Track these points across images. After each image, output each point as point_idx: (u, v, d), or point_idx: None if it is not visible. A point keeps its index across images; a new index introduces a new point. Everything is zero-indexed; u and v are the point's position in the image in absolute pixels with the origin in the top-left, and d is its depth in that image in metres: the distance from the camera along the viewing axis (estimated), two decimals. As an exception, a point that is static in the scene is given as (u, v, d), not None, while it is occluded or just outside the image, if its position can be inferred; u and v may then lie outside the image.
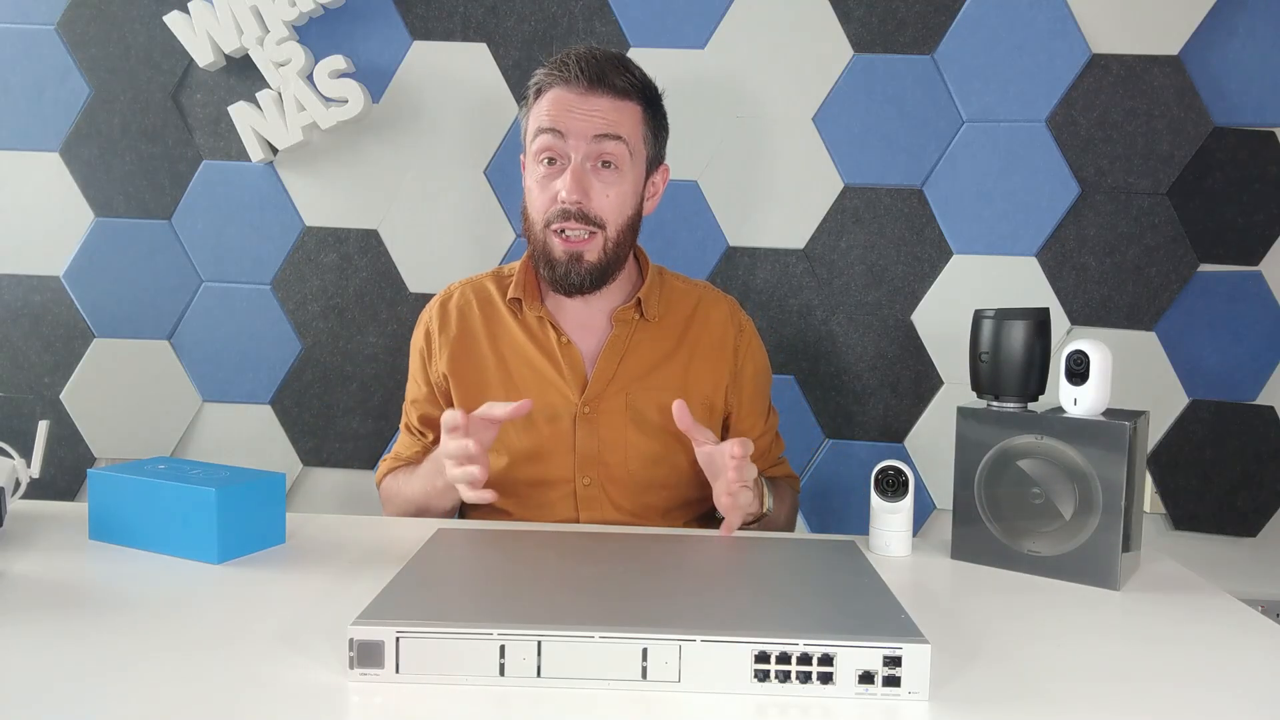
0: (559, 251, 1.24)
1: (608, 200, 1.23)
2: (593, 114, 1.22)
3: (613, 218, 1.24)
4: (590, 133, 1.22)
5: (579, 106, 1.22)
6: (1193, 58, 1.67)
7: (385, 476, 1.38)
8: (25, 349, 1.81)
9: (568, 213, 1.22)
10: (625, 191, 1.25)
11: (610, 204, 1.24)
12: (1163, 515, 1.76)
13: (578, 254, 1.24)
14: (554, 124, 1.22)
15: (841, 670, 0.70)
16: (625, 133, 1.23)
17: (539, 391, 1.28)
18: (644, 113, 1.27)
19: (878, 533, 1.10)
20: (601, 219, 1.23)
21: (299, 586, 0.94)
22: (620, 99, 1.24)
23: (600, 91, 1.23)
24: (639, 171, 1.28)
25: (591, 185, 1.22)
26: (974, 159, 1.71)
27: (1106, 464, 0.98)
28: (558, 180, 1.23)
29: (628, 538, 1.04)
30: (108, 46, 1.77)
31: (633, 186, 1.27)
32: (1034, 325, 1.06)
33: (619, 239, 1.26)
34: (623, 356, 1.29)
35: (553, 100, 1.23)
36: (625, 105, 1.24)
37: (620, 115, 1.24)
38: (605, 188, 1.23)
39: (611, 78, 1.23)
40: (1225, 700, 0.74)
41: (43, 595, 0.90)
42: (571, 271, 1.24)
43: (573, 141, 1.22)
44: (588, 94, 1.22)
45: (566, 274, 1.25)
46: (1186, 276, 1.70)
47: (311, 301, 1.79)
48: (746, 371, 1.35)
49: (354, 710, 0.69)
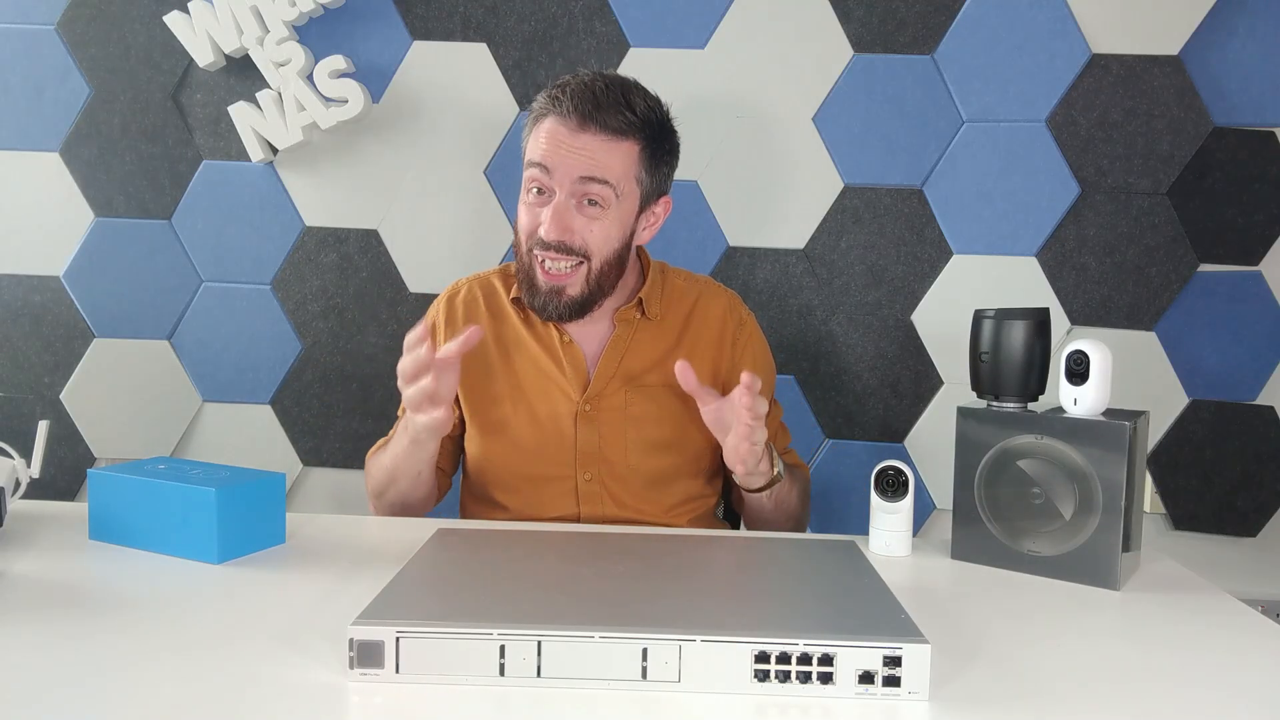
0: (540, 280, 1.23)
1: (591, 234, 1.22)
2: (579, 152, 1.19)
3: (597, 249, 1.23)
4: (575, 173, 1.19)
5: (567, 143, 1.19)
6: (1193, 58, 1.67)
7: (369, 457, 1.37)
8: (25, 349, 1.81)
9: (548, 244, 1.21)
10: (608, 226, 1.23)
11: (594, 237, 1.22)
12: (1163, 515, 1.76)
13: (558, 288, 1.23)
14: (542, 159, 1.20)
15: (841, 670, 0.70)
16: (613, 176, 1.20)
17: (541, 388, 1.29)
18: (642, 151, 1.23)
19: (878, 533, 1.10)
20: (586, 250, 1.22)
21: (299, 586, 0.94)
22: (614, 138, 1.20)
23: (592, 130, 1.19)
24: (629, 208, 1.25)
25: (574, 221, 1.21)
26: (974, 159, 1.71)
27: (1106, 464, 0.98)
28: (542, 211, 1.22)
29: (628, 538, 1.04)
30: (108, 46, 1.77)
31: (619, 222, 1.24)
32: (1034, 325, 1.06)
33: (603, 270, 1.24)
34: (624, 355, 1.30)
35: (546, 132, 1.21)
36: (619, 145, 1.21)
37: (610, 157, 1.20)
38: (589, 223, 1.21)
39: (605, 116, 1.19)
40: (1225, 700, 0.74)
41: (43, 595, 0.90)
42: (550, 303, 1.24)
43: (558, 177, 1.20)
44: (578, 131, 1.19)
45: (545, 304, 1.24)
46: (1186, 276, 1.70)
47: (311, 301, 1.79)
48: (745, 364, 1.34)
49: (354, 710, 0.69)
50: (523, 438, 1.28)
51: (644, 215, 1.29)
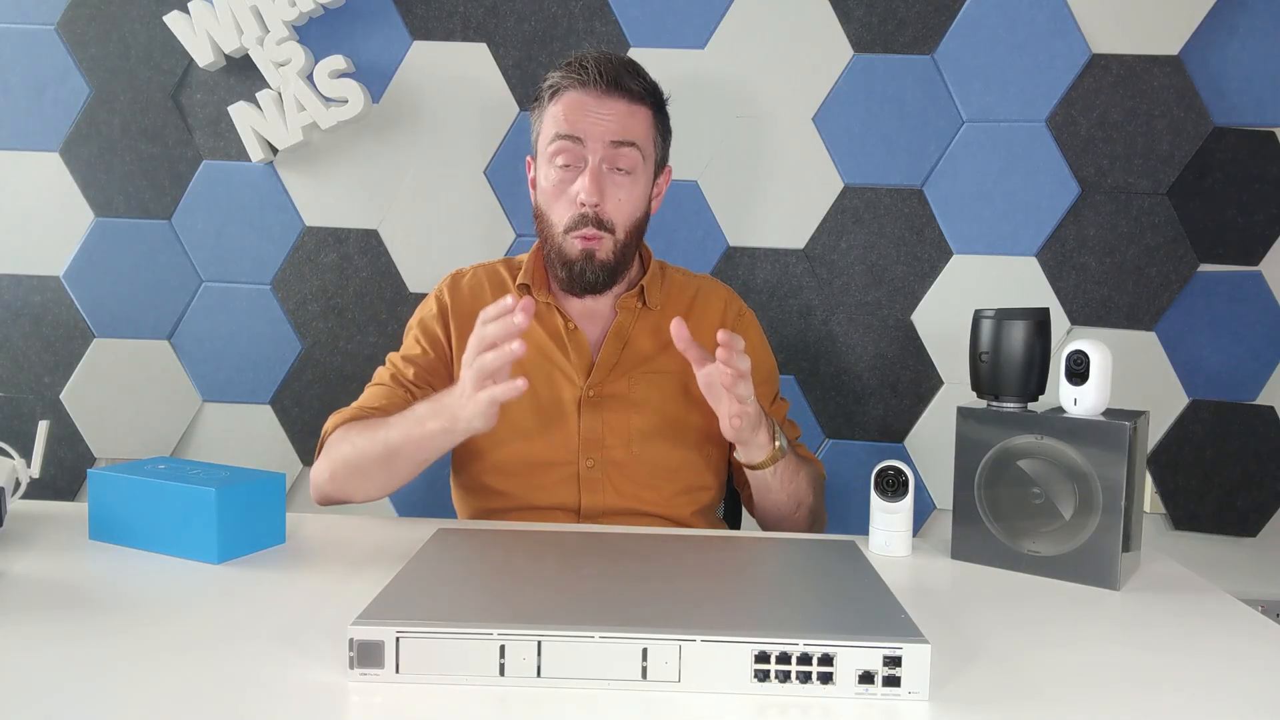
0: (575, 252, 1.26)
1: (620, 204, 1.26)
2: (609, 118, 1.24)
3: (622, 221, 1.27)
4: (607, 137, 1.23)
5: (595, 110, 1.24)
6: (1193, 58, 1.67)
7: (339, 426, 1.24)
8: (25, 349, 1.81)
9: (586, 218, 1.24)
10: (637, 195, 1.28)
11: (622, 208, 1.26)
12: (1163, 515, 1.76)
13: (590, 251, 1.26)
14: (571, 129, 1.24)
15: (841, 670, 0.70)
16: (639, 138, 1.26)
17: (546, 374, 1.30)
18: (654, 117, 1.29)
19: (878, 533, 1.10)
20: (611, 223, 1.26)
21: (299, 586, 0.94)
22: (634, 103, 1.26)
23: (616, 95, 1.24)
24: (649, 175, 1.30)
25: (607, 188, 1.24)
26: (974, 159, 1.71)
27: (1106, 464, 0.98)
28: (575, 183, 1.24)
29: (628, 538, 1.04)
30: (108, 46, 1.77)
31: (643, 190, 1.29)
32: (1034, 325, 1.05)
33: (627, 240, 1.28)
34: (626, 343, 1.31)
35: (569, 104, 1.25)
36: (638, 110, 1.26)
37: (634, 120, 1.25)
38: (618, 191, 1.26)
39: (626, 82, 1.25)
40: (1225, 700, 0.74)
41: (43, 595, 0.90)
42: (586, 269, 1.26)
43: (590, 145, 1.24)
44: (604, 97, 1.24)
45: (582, 272, 1.26)
46: (1186, 276, 1.70)
47: (311, 301, 1.79)
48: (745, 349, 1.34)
49: (354, 710, 0.69)
50: (525, 422, 1.28)
51: (654, 185, 1.34)
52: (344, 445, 1.19)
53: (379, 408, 1.25)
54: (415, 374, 1.30)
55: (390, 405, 1.25)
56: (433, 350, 1.32)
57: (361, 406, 1.26)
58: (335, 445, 1.21)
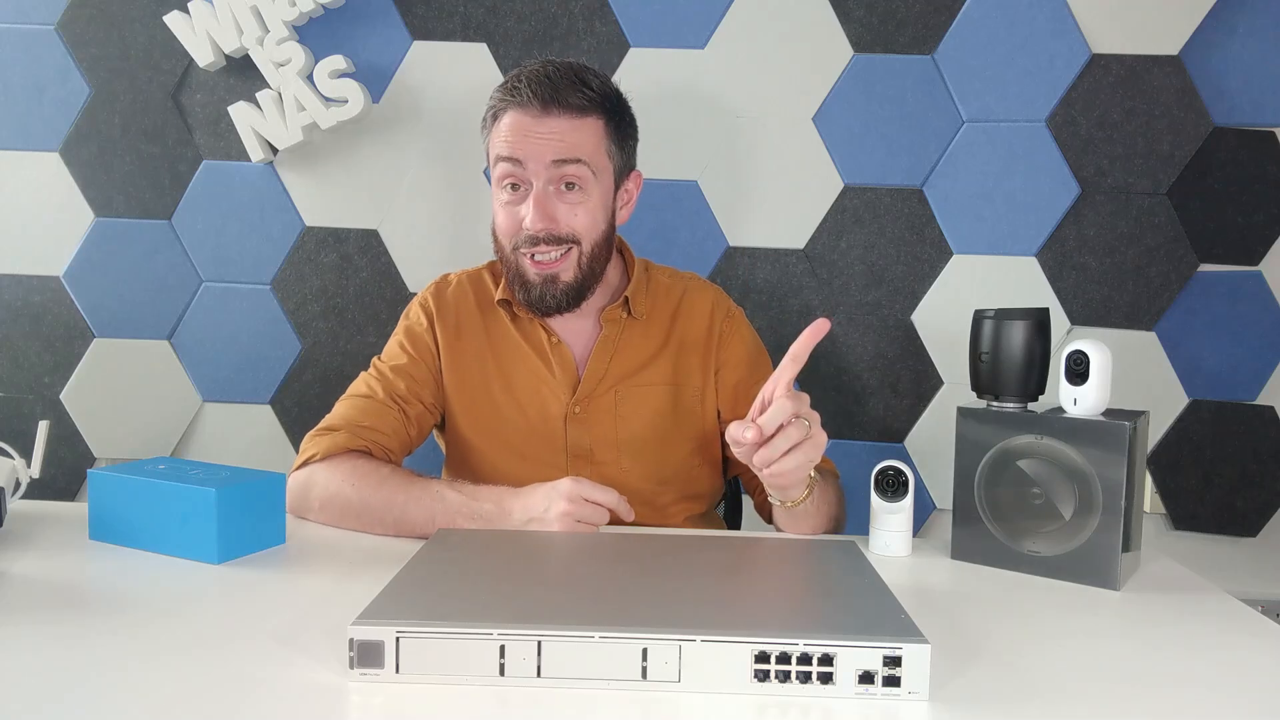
0: (532, 274, 1.22)
1: (577, 219, 1.21)
2: (549, 137, 1.18)
3: (585, 232, 1.22)
4: (548, 157, 1.18)
5: (535, 130, 1.18)
6: (1193, 58, 1.67)
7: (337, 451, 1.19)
8: (25, 349, 1.81)
9: (535, 239, 1.20)
10: (593, 208, 1.22)
11: (581, 221, 1.21)
12: (1163, 515, 1.76)
13: (552, 276, 1.22)
14: (511, 151, 1.18)
15: (841, 670, 0.70)
16: (586, 153, 1.20)
17: (532, 388, 1.28)
18: (606, 125, 1.22)
19: (878, 533, 1.10)
20: (574, 234, 1.21)
21: (299, 586, 0.94)
22: (578, 116, 1.19)
23: (556, 112, 1.18)
24: (606, 186, 1.24)
25: (557, 209, 1.20)
26: (974, 159, 1.71)
27: (1106, 464, 0.98)
28: (522, 206, 1.20)
29: (628, 538, 1.04)
30: (108, 46, 1.77)
31: (601, 202, 1.23)
32: (1034, 325, 1.05)
33: (594, 253, 1.24)
34: (613, 355, 1.29)
35: (509, 126, 1.19)
36: (584, 122, 1.20)
37: (580, 135, 1.19)
38: (572, 208, 1.21)
39: (566, 95, 1.18)
40: (1225, 700, 0.74)
41: (43, 595, 0.90)
42: (547, 294, 1.22)
43: (532, 167, 1.18)
44: (543, 116, 1.18)
45: (541, 297, 1.22)
46: (1186, 276, 1.70)
47: (311, 301, 1.79)
48: (736, 355, 1.32)
49: (354, 710, 0.69)
50: (513, 438, 1.27)
51: (619, 193, 1.28)
52: (347, 489, 1.14)
53: (371, 427, 1.22)
54: (407, 387, 1.27)
55: (382, 425, 1.23)
56: (423, 360, 1.29)
57: (352, 424, 1.22)
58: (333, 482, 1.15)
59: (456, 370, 1.29)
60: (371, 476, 1.14)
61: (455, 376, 1.29)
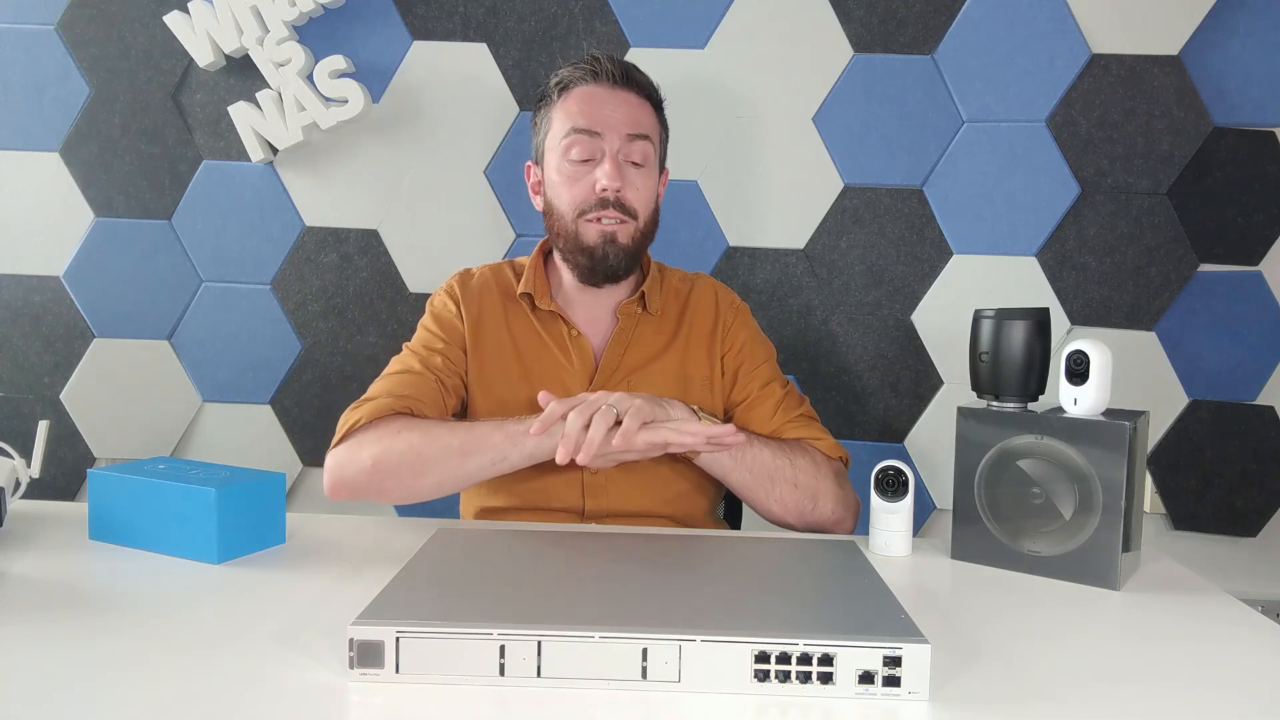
0: (594, 236, 1.25)
1: (639, 192, 1.27)
2: (623, 109, 1.25)
3: (643, 209, 1.28)
4: (624, 129, 1.24)
5: (611, 101, 1.25)
6: (1193, 58, 1.67)
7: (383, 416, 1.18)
8: (25, 349, 1.81)
9: (607, 201, 1.24)
10: (651, 186, 1.29)
11: (641, 195, 1.27)
12: (1163, 515, 1.76)
13: (612, 235, 1.26)
14: (588, 122, 1.24)
15: (841, 670, 0.70)
16: (651, 131, 1.28)
17: (552, 379, 1.30)
18: (657, 115, 1.32)
19: (878, 533, 1.10)
20: (634, 209, 1.26)
21: (299, 586, 0.94)
22: (643, 99, 1.28)
23: (628, 88, 1.27)
24: (656, 170, 1.32)
25: (627, 175, 1.26)
26: (974, 159, 1.71)
27: (1106, 464, 0.98)
28: (596, 171, 1.24)
29: (628, 538, 1.04)
30: (108, 46, 1.77)
31: (655, 184, 1.31)
32: (1034, 325, 1.05)
33: (646, 230, 1.29)
34: (626, 347, 1.31)
35: (582, 97, 1.26)
36: (646, 105, 1.29)
37: (644, 114, 1.28)
38: (635, 180, 1.27)
39: (637, 76, 1.28)
40: (1225, 700, 0.74)
41: (43, 595, 0.90)
42: (609, 253, 1.25)
43: (608, 137, 1.24)
44: (616, 89, 1.26)
45: (605, 256, 1.26)
46: (1186, 276, 1.70)
47: (311, 301, 1.79)
48: (739, 341, 1.35)
49: (354, 710, 0.69)
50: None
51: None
52: (400, 440, 1.13)
53: (410, 396, 1.21)
54: (443, 363, 1.28)
55: (422, 395, 1.22)
56: (453, 342, 1.31)
57: (395, 395, 1.20)
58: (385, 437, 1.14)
59: (478, 358, 1.31)
60: (420, 424, 1.16)
61: (477, 364, 1.31)
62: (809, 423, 1.32)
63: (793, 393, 1.36)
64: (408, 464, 1.13)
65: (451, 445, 1.13)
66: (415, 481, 1.14)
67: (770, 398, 1.32)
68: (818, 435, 1.31)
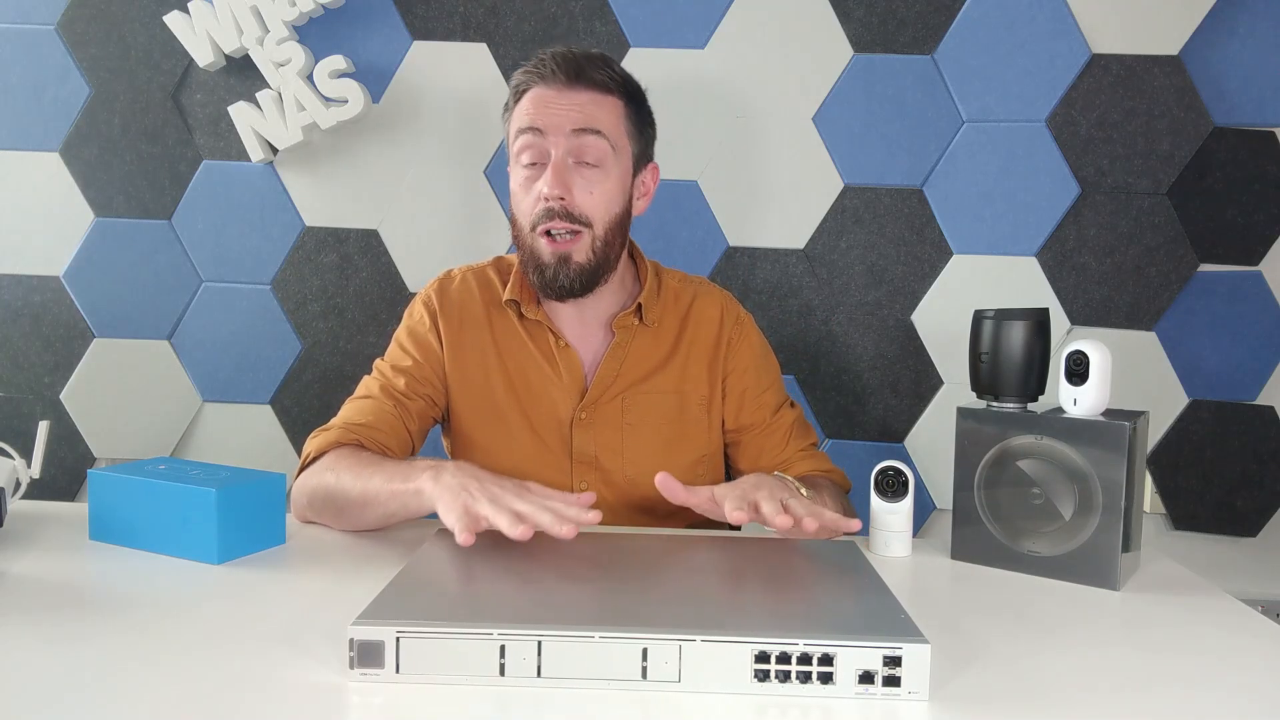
0: (547, 254, 1.20)
1: (591, 197, 1.20)
2: (570, 107, 1.19)
3: (599, 215, 1.21)
4: (568, 127, 1.18)
5: (556, 102, 1.19)
6: (1193, 58, 1.67)
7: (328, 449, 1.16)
8: (25, 349, 1.81)
9: (552, 211, 1.18)
10: (610, 189, 1.21)
11: (595, 201, 1.20)
12: (1163, 515, 1.76)
13: (565, 255, 1.20)
14: (532, 122, 1.19)
15: (841, 670, 0.70)
16: (605, 127, 1.20)
17: (539, 392, 1.27)
18: (626, 108, 1.24)
19: (878, 533, 1.10)
20: (587, 217, 1.20)
21: (299, 586, 0.94)
22: (601, 93, 1.21)
23: (579, 86, 1.20)
24: (624, 168, 1.24)
25: (574, 181, 1.19)
26: (974, 159, 1.71)
27: (1106, 464, 0.98)
28: (539, 180, 1.20)
29: (628, 538, 1.04)
30: (108, 46, 1.77)
31: (618, 184, 1.23)
32: (1034, 325, 1.05)
33: (607, 238, 1.22)
34: (623, 362, 1.28)
35: (532, 99, 1.21)
36: (606, 99, 1.21)
37: (600, 109, 1.20)
38: (588, 185, 1.20)
39: (590, 72, 1.20)
40: (1225, 700, 0.74)
41: (43, 595, 0.90)
42: (560, 274, 1.20)
43: (552, 137, 1.19)
44: (566, 89, 1.20)
45: (555, 277, 1.20)
46: (1186, 276, 1.70)
47: (311, 301, 1.79)
48: (743, 362, 1.32)
49: (354, 710, 0.69)
50: (518, 441, 1.26)
51: (636, 182, 1.28)
52: (328, 475, 1.11)
53: (366, 424, 1.20)
54: (407, 384, 1.26)
55: (378, 422, 1.21)
56: (425, 359, 1.28)
57: (348, 423, 1.20)
58: (319, 473, 1.13)
59: (460, 367, 1.28)
60: (349, 465, 1.11)
61: (459, 374, 1.28)
62: (815, 453, 1.34)
63: (800, 418, 1.36)
64: (330, 506, 1.11)
65: (352, 494, 1.08)
66: (338, 523, 1.13)
67: (780, 427, 1.32)
68: (828, 468, 1.32)
